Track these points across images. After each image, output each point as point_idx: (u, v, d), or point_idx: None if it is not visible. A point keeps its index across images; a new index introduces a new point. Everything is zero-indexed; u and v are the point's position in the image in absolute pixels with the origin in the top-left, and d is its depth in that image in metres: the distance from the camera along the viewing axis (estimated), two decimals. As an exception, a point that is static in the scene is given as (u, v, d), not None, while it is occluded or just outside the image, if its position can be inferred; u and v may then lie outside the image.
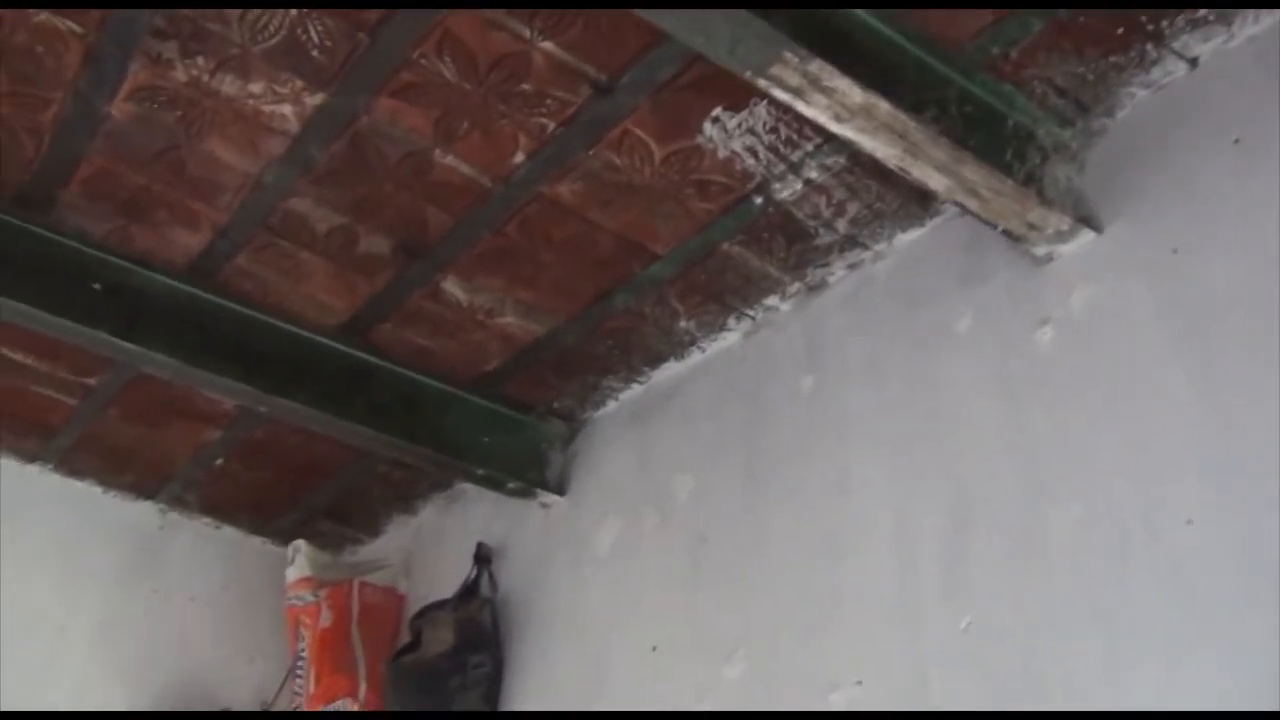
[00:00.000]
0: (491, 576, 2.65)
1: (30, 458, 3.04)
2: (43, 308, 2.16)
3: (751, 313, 2.33)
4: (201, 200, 2.12)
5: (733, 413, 2.31)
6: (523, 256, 2.22)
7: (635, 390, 2.58)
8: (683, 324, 2.38)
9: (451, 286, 2.31)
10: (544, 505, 2.67)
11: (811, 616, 1.93)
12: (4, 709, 2.80)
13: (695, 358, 2.46)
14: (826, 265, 2.20)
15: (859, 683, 1.80)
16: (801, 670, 1.90)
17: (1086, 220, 1.82)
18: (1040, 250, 1.86)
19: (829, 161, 1.97)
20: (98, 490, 3.15)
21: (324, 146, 1.99)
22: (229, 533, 3.32)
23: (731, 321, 2.36)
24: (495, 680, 2.47)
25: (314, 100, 1.90)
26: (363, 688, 2.77)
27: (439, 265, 2.25)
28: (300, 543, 2.93)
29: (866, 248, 2.15)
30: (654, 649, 2.19)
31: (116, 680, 2.99)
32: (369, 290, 2.33)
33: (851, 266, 2.19)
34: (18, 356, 2.60)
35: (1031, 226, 1.83)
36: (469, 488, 2.96)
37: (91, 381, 2.68)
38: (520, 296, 2.33)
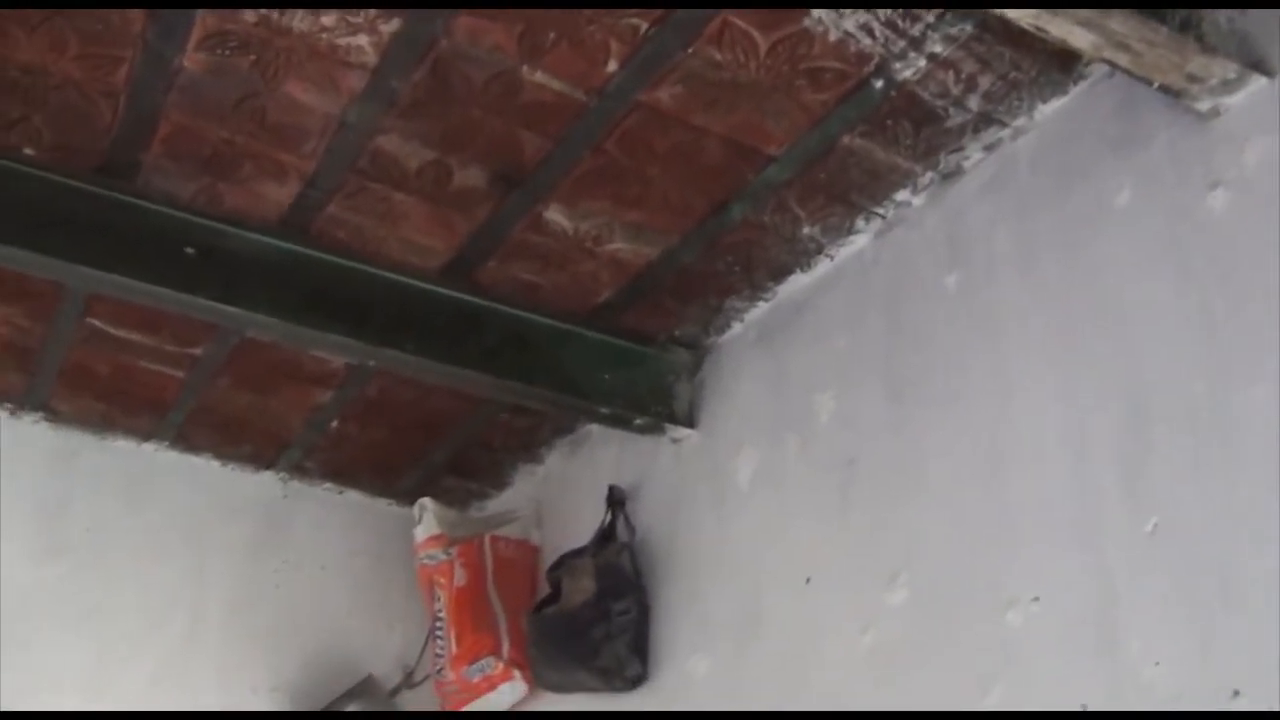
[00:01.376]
0: (627, 519, 2.67)
1: (145, 436, 3.15)
2: (139, 278, 2.22)
3: (881, 211, 2.27)
4: (286, 149, 2.14)
5: (871, 323, 2.26)
6: (626, 174, 2.19)
7: (761, 309, 2.54)
8: (806, 230, 2.33)
9: (554, 215, 2.30)
10: (675, 440, 2.67)
11: (978, 533, 1.89)
12: (149, 691, 2.95)
13: (824, 267, 2.41)
14: (961, 149, 2.12)
15: (1036, 599, 1.76)
16: (972, 590, 1.87)
17: (1256, 65, 1.71)
18: (1204, 105, 1.76)
19: (954, 31, 1.88)
20: (216, 464, 3.26)
21: (405, 76, 1.98)
22: (352, 497, 3.41)
23: (860, 222, 2.30)
24: (642, 626, 2.49)
25: (389, 27, 1.89)
26: (505, 644, 2.82)
27: (538, 193, 2.24)
28: (426, 501, 2.98)
29: (1004, 125, 2.06)
30: (808, 581, 2.18)
31: (256, 655, 3.11)
32: (468, 227, 2.34)
33: (989, 148, 2.10)
34: (121, 333, 2.69)
35: (1192, 79, 1.73)
36: (594, 429, 2.98)
37: (197, 352, 2.76)
38: (628, 218, 2.31)
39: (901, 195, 2.22)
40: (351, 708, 3.00)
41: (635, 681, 2.48)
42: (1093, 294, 1.86)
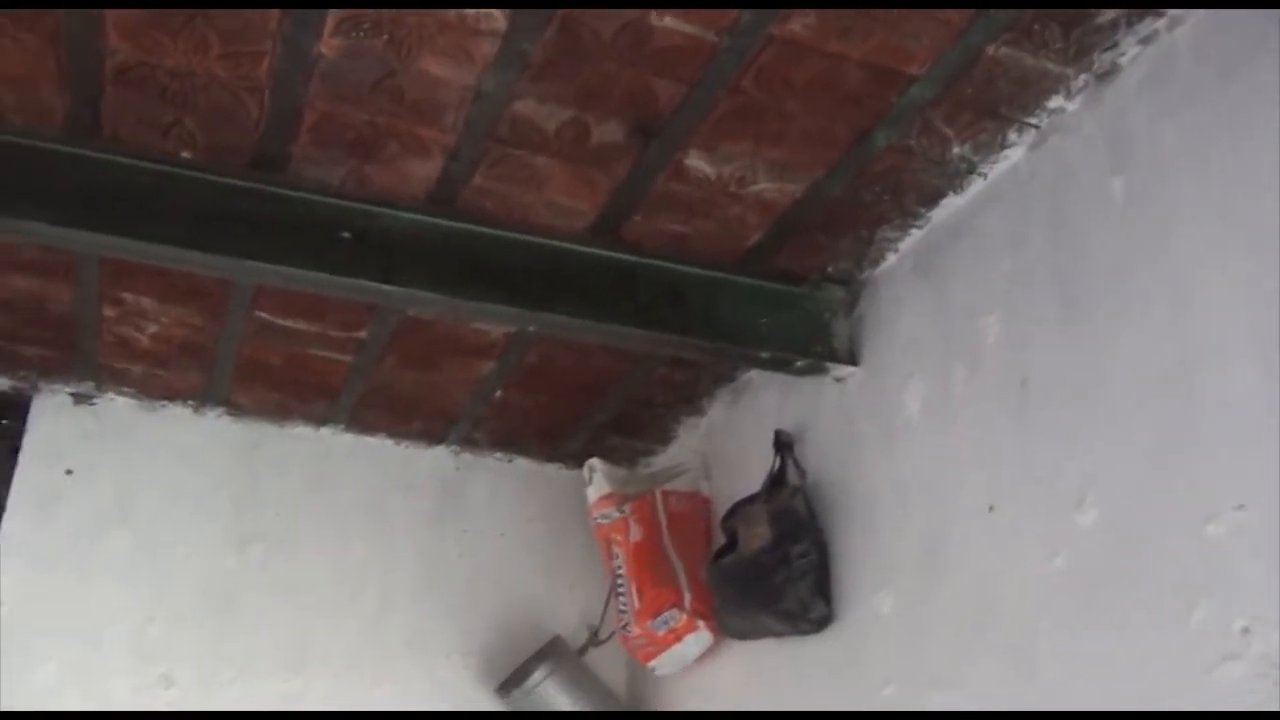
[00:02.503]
0: (796, 463, 2.63)
1: (321, 421, 3.26)
2: (301, 266, 2.27)
3: (1034, 121, 2.17)
4: (426, 124, 2.16)
5: (1033, 238, 2.16)
6: (765, 111, 2.14)
7: (915, 236, 2.47)
8: (956, 150, 2.24)
9: (695, 161, 2.27)
10: (838, 379, 2.62)
11: (1169, 444, 1.80)
12: (349, 664, 3.05)
13: (977, 186, 2.32)
14: (1115, 46, 2.00)
15: (1240, 506, 1.66)
16: (1167, 505, 1.77)
17: None
18: (1385, -37, 1.62)
19: (1099, -81, 1.78)
20: (390, 443, 3.35)
21: (535, 37, 1.97)
22: (522, 464, 3.46)
23: (1012, 135, 2.20)
24: (822, 567, 2.45)
25: (515, -10, 1.88)
26: (687, 596, 2.83)
27: (678, 141, 2.21)
28: (595, 461, 3.01)
29: (1160, 14, 1.94)
30: (990, 509, 2.11)
31: (446, 623, 3.20)
32: (610, 184, 2.32)
33: (1145, 41, 1.98)
34: (287, 322, 2.77)
35: (1370, -64, 1.59)
36: (754, 376, 2.96)
37: (361, 334, 2.82)
38: (770, 157, 2.26)
39: (1054, 102, 2.12)
40: (540, 669, 3.05)
41: (821, 623, 2.45)
42: (1269, 184, 1.73)
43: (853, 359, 2.59)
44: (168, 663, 2.93)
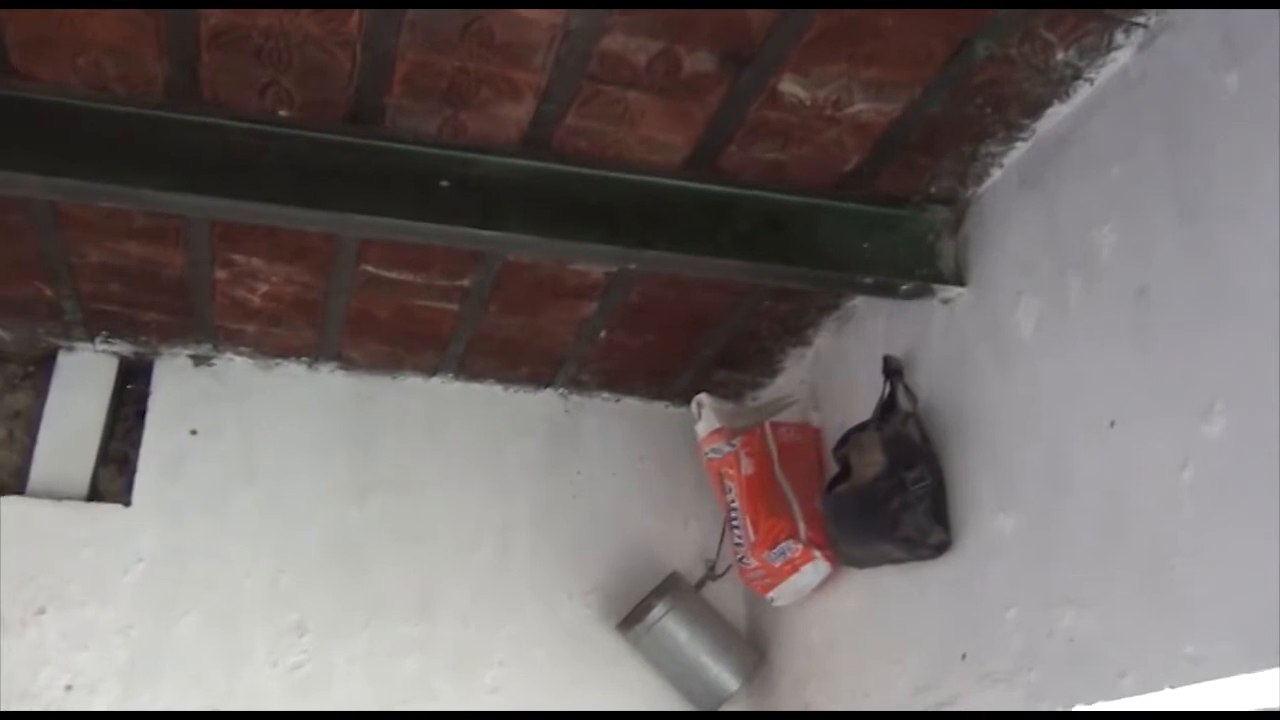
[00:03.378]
0: (907, 388, 2.59)
1: (431, 371, 3.30)
2: (402, 216, 2.29)
3: (1141, 19, 2.07)
4: (517, 67, 2.14)
5: (1146, 143, 2.07)
6: (859, 29, 2.08)
7: (1020, 149, 2.39)
8: (1060, 56, 2.15)
9: (789, 86, 2.22)
10: (945, 301, 2.56)
11: (1299, 346, 1.72)
12: (473, 606, 3.11)
13: (1084, 92, 2.23)
14: (1226, -67, 1.90)
15: (1383, 407, 1.59)
16: (1300, 409, 1.71)
17: None
18: None
19: None
20: (499, 389, 3.39)
21: (621, -31, 1.94)
22: (630, 404, 3.47)
23: (1119, 36, 2.11)
24: (938, 492, 2.42)
25: (597, -80, 1.85)
26: (802, 526, 2.82)
27: (771, 66, 2.16)
28: (703, 397, 3.00)
29: (1276, -105, 1.83)
30: (1112, 424, 2.05)
31: (565, 564, 3.23)
32: (704, 115, 2.28)
33: (1259, -75, 1.88)
34: (393, 274, 2.80)
35: None
36: (859, 303, 2.91)
37: (465, 283, 2.84)
38: (866, 76, 2.20)
39: (1164, -3, 2.02)
40: (660, 604, 3.07)
41: (940, 548, 2.42)
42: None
43: (960, 280, 2.53)
44: (301, 611, 3.02)
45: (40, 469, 3.03)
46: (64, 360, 3.15)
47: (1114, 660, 1.98)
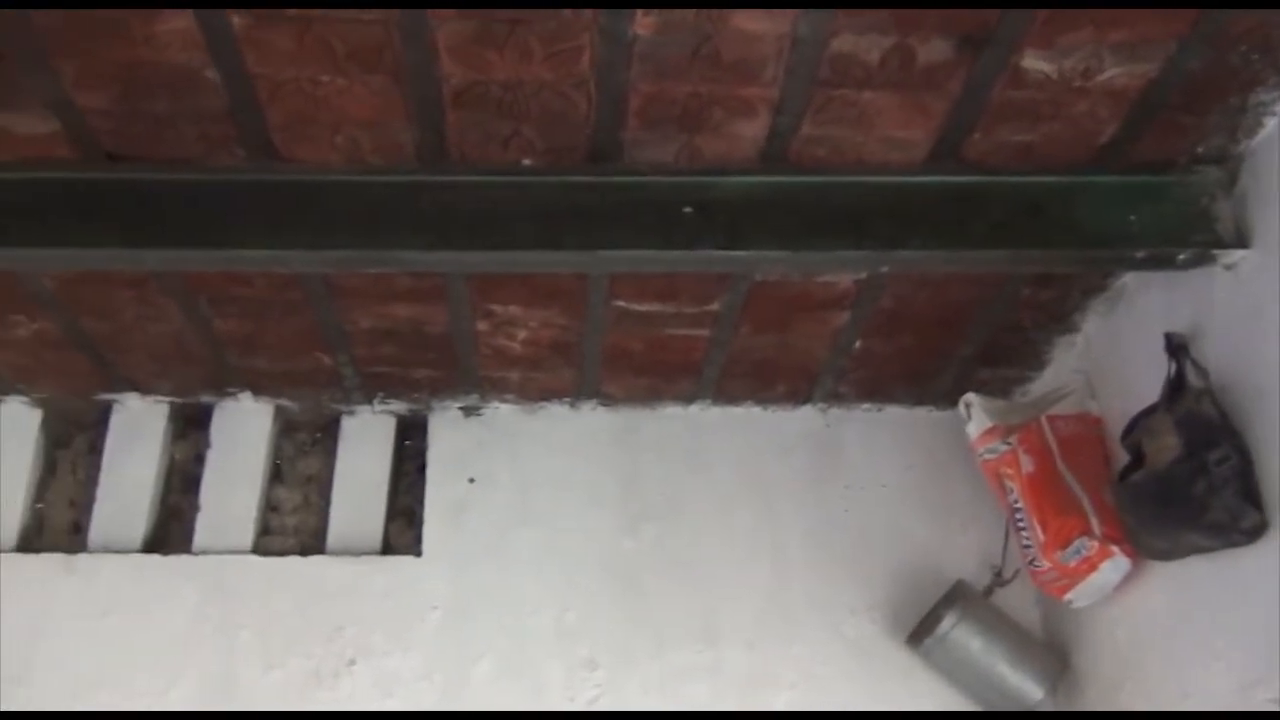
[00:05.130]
0: (1195, 364, 2.41)
1: (689, 399, 3.32)
2: (649, 247, 2.31)
3: None
4: (748, 83, 2.13)
5: None
6: (1102, -9, 1.97)
7: (1296, 93, 2.21)
8: (1333, -14, 1.98)
9: (1033, 62, 2.12)
10: (1228, 266, 2.38)
11: None
12: (755, 628, 3.09)
13: (1363, 22, 2.04)
14: None
15: None
16: None
17: None
18: None
19: None
20: (758, 410, 3.37)
21: (844, -32, 1.91)
22: (892, 412, 3.39)
23: (1401, -46, 1.92)
24: (1246, 471, 2.23)
25: (815, -78, 1.82)
26: (1094, 522, 2.67)
27: (1011, 44, 2.07)
28: (971, 396, 2.88)
29: None
30: None
31: (843, 580, 3.17)
32: (944, 105, 2.21)
33: None
34: (644, 307, 2.83)
35: None
36: (1128, 280, 2.75)
37: (714, 307, 2.84)
38: (1114, 39, 2.07)
39: None
40: (949, 615, 2.96)
41: (1254, 532, 2.23)
42: None
43: (1242, 241, 2.35)
44: (589, 645, 3.08)
45: (336, 528, 3.22)
46: (347, 424, 3.34)
47: None
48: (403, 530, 3.27)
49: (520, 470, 3.26)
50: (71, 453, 3.35)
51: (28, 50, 2.00)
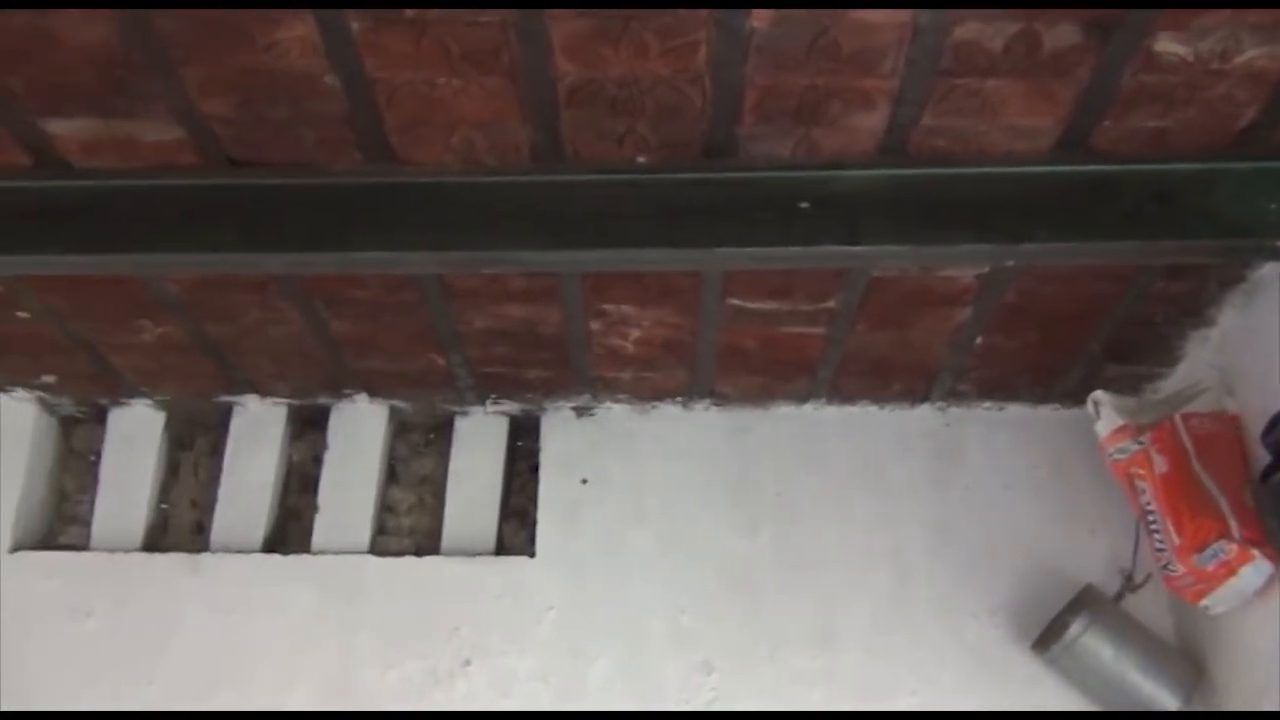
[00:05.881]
0: (1341, 358, 2.32)
1: (803, 398, 3.30)
2: (766, 244, 2.28)
3: None
4: (867, 75, 2.10)
5: None
6: (1240, -31, 1.90)
7: None
8: None
9: (1166, 45, 2.05)
10: (1376, 255, 2.29)
11: None
12: (872, 634, 3.05)
13: None
14: None
15: None
16: None
17: None
18: None
19: None
20: (874, 409, 3.34)
21: (966, -47, 1.87)
22: (1015, 411, 3.33)
23: None
24: (1407, 470, 2.15)
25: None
26: (1233, 524, 2.58)
27: (1143, 27, 2.01)
28: (1100, 394, 2.82)
29: None
30: None
31: (965, 584, 3.13)
32: (1072, 92, 2.15)
33: None
34: (758, 305, 2.81)
35: None
36: (1267, 271, 2.66)
37: (830, 304, 2.81)
38: (1254, 20, 2.00)
39: None
40: (1078, 621, 2.89)
41: (1407, 534, 2.15)
42: None
43: (1398, 224, 2.25)
44: (705, 649, 3.08)
45: (451, 528, 3.27)
46: (460, 424, 3.39)
47: None
48: (516, 531, 3.31)
49: (633, 471, 3.27)
50: (194, 454, 3.46)
51: (155, 59, 2.06)
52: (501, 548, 3.26)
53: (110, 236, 2.35)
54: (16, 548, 3.28)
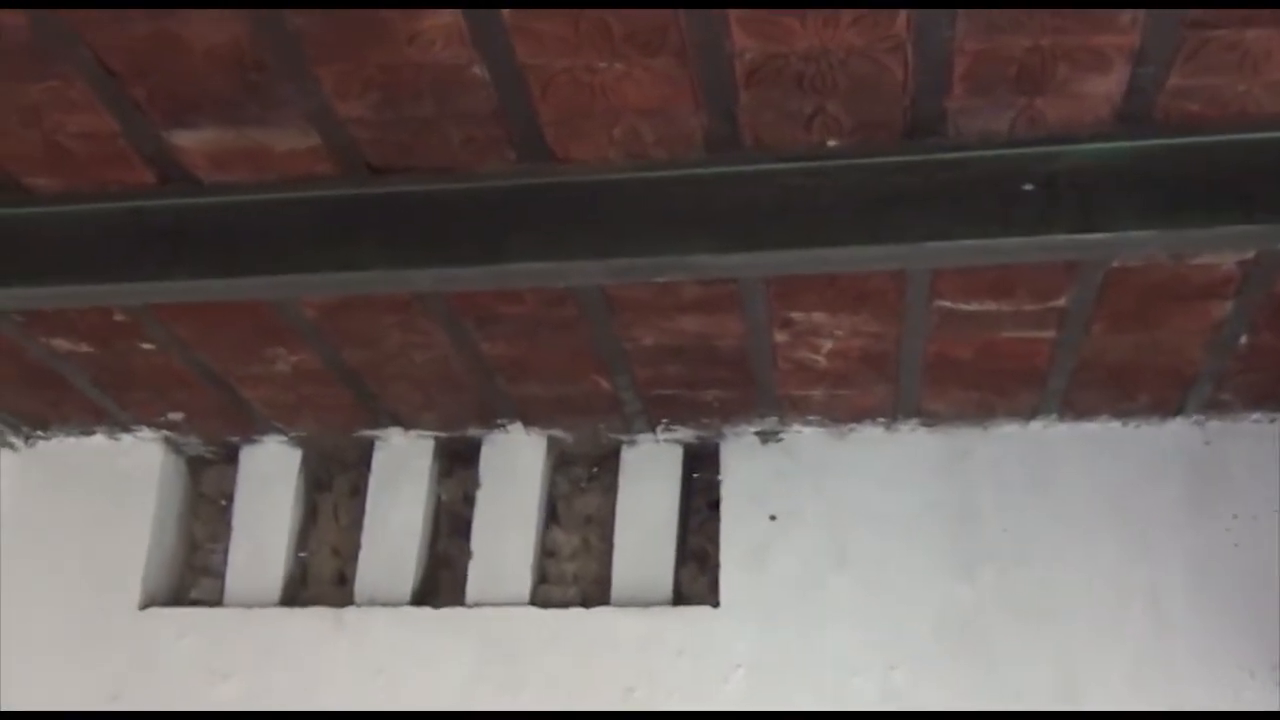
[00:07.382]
0: None
1: (1030, 414, 3.28)
2: (984, 235, 2.24)
3: None
4: (1100, 30, 2.06)
5: None
6: None
7: None
8: None
9: None
10: None
11: None
12: (1125, 689, 2.98)
13: None
14: None
15: None
16: None
17: None
18: None
19: None
20: (1116, 425, 3.31)
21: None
22: (1297, 421, 3.23)
23: None
24: None
25: None
26: None
27: None
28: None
29: None
30: None
31: (1237, 632, 3.05)
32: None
33: None
34: (973, 306, 2.79)
35: None
36: None
37: (1060, 302, 2.77)
38: None
39: None
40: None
41: None
42: None
43: None
44: (922, 710, 3.05)
45: (621, 574, 3.33)
46: (627, 455, 3.45)
47: None
48: (695, 576, 3.34)
49: (829, 504, 3.28)
50: (333, 495, 3.60)
51: (288, 60, 2.16)
52: (679, 597, 3.29)
53: (241, 257, 2.47)
54: (147, 604, 3.46)
